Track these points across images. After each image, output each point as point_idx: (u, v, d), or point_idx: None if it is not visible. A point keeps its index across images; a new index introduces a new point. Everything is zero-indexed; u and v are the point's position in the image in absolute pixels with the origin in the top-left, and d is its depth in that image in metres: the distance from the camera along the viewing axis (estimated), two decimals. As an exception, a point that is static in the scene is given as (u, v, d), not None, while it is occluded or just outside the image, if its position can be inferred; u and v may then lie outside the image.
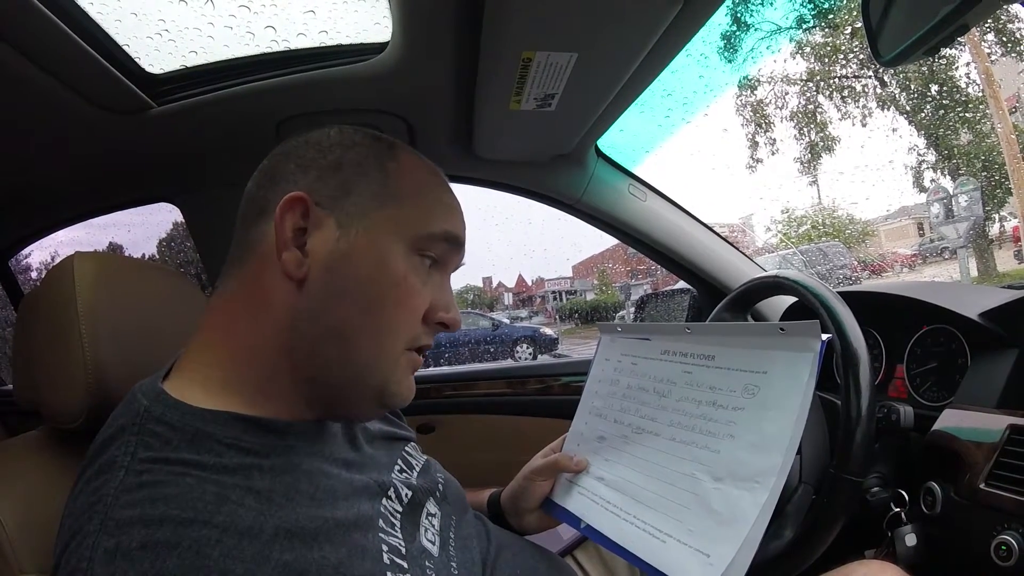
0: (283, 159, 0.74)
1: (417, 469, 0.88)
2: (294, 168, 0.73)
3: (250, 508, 0.57)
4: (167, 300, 0.96)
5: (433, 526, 0.81)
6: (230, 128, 1.34)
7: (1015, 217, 9.43)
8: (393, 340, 0.72)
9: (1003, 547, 0.84)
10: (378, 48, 1.14)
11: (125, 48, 1.12)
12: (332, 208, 0.70)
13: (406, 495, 0.79)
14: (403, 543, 0.71)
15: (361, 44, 1.19)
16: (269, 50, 1.21)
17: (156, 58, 1.18)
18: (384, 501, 0.74)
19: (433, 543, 0.78)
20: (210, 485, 0.57)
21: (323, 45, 1.20)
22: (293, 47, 1.21)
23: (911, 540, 0.99)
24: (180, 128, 1.30)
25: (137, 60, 1.16)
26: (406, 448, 0.91)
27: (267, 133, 1.35)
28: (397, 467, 0.84)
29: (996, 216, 10.57)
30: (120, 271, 0.90)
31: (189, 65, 1.22)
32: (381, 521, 0.70)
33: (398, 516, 0.74)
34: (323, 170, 0.72)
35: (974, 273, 9.74)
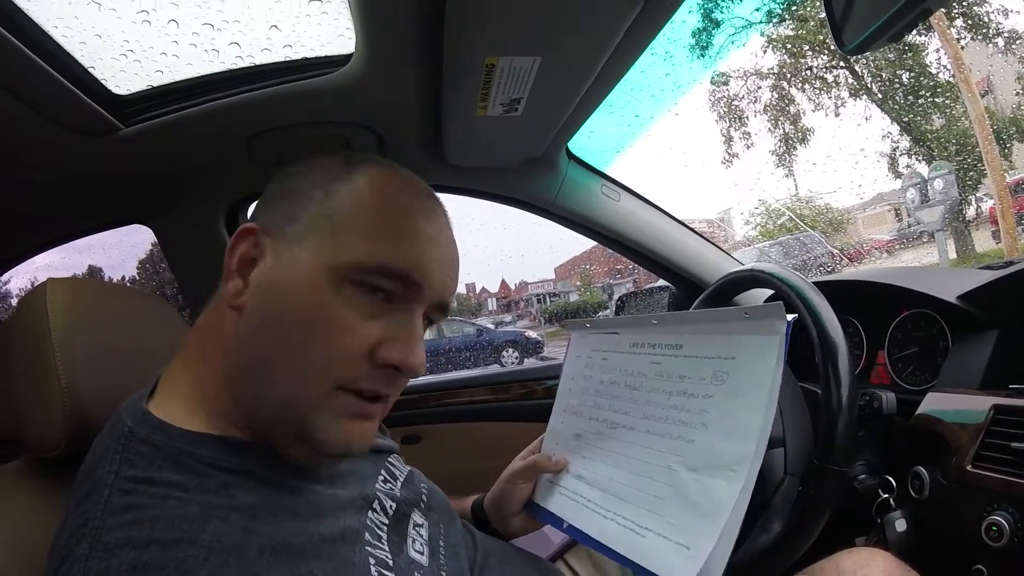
0: (263, 195, 0.76)
1: (400, 480, 0.88)
2: (263, 201, 0.74)
3: (235, 525, 0.57)
4: (143, 324, 0.95)
5: (421, 536, 0.80)
6: (200, 146, 1.33)
7: (991, 198, 9.52)
8: (313, 378, 0.65)
9: (994, 527, 0.84)
10: (343, 60, 1.14)
11: (91, 70, 1.10)
12: (277, 237, 0.69)
13: (390, 507, 0.78)
14: (390, 555, 0.70)
15: (326, 57, 1.18)
16: (235, 66, 1.20)
17: (122, 79, 1.17)
18: (370, 514, 0.74)
19: (422, 553, 0.77)
20: (194, 505, 0.57)
21: (288, 59, 1.19)
22: (258, 63, 1.20)
23: (901, 525, 1.00)
24: (149, 148, 1.28)
25: (103, 82, 1.15)
26: (389, 459, 0.91)
27: (237, 150, 1.34)
28: (381, 478, 0.84)
29: (972, 198, 10.69)
30: (94, 296, 0.89)
31: (155, 85, 1.21)
32: (367, 534, 0.70)
33: (384, 528, 0.74)
34: (278, 199, 0.73)
35: (953, 255, 9.84)
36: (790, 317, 0.78)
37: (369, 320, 0.66)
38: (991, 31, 10.66)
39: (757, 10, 12.12)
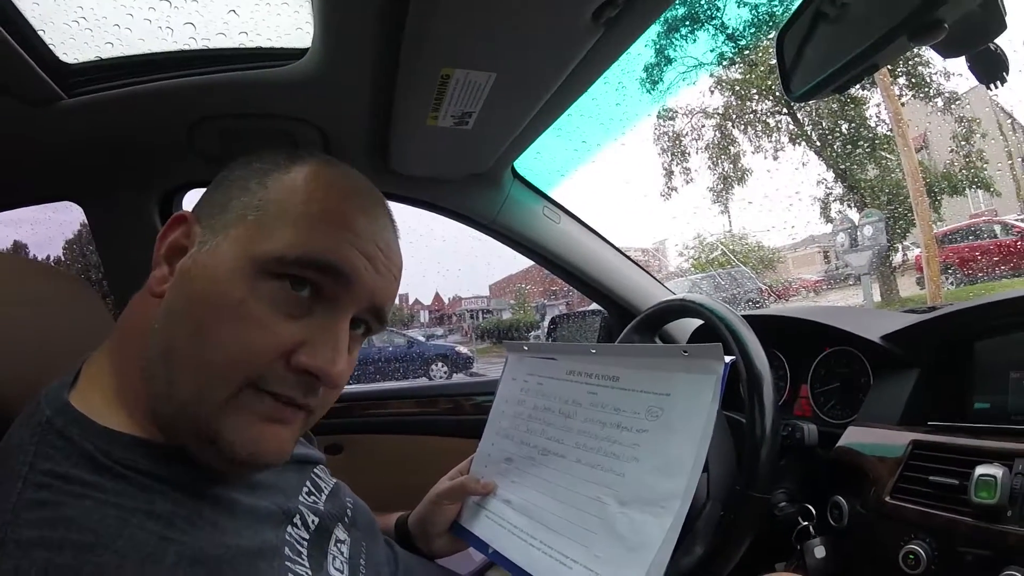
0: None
1: (325, 493, 0.86)
2: (205, 190, 0.72)
3: (151, 532, 0.55)
4: (64, 307, 0.91)
5: (342, 553, 0.79)
6: (142, 126, 1.28)
7: (918, 247, 9.92)
8: (218, 376, 0.60)
9: (911, 556, 0.88)
10: (298, 54, 1.12)
11: (40, 33, 1.06)
12: (207, 226, 0.66)
13: (313, 521, 0.76)
14: (310, 572, 0.69)
15: (281, 48, 1.16)
16: (187, 48, 1.17)
17: (71, 47, 1.12)
18: (290, 528, 0.71)
19: (341, 571, 0.76)
20: (110, 508, 0.55)
21: (242, 47, 1.17)
22: (212, 47, 1.17)
23: (820, 552, 1.03)
24: (90, 123, 1.23)
25: (52, 47, 1.10)
26: (315, 470, 0.88)
27: (180, 134, 1.31)
28: (305, 490, 0.81)
29: (900, 246, 11.13)
30: (15, 273, 0.85)
31: (104, 57, 1.16)
32: (287, 549, 0.68)
33: (305, 544, 0.72)
34: (216, 188, 0.71)
35: (877, 298, 10.22)
36: (728, 359, 0.79)
37: (288, 320, 0.62)
38: (932, 91, 11.17)
39: (711, 51, 12.49)
